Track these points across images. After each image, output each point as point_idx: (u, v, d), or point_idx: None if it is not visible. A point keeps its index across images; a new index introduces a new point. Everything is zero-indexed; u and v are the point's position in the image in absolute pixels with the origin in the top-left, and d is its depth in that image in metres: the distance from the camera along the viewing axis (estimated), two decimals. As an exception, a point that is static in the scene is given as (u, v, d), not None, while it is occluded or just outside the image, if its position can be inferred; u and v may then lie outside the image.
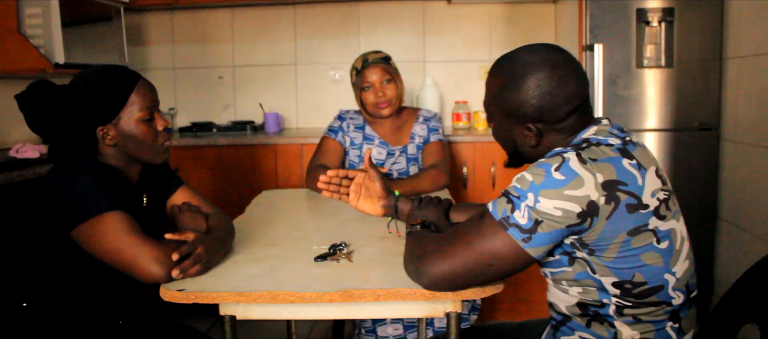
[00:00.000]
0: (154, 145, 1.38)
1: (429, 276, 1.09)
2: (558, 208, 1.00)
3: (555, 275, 1.13)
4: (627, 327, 1.08)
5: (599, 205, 1.00)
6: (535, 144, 1.14)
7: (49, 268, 1.32)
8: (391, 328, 2.18)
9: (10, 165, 2.22)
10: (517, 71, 1.12)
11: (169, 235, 1.26)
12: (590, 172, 1.00)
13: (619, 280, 1.05)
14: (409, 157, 2.26)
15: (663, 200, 1.05)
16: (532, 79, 1.10)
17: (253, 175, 2.96)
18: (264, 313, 1.17)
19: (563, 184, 0.99)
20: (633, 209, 1.01)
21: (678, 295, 1.08)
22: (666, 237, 1.05)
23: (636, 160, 1.05)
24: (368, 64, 2.18)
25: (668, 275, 1.06)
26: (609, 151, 1.04)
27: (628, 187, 1.01)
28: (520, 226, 1.02)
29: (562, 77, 1.09)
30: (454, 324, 1.17)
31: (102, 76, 1.33)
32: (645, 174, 1.04)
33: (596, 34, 2.60)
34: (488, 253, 1.04)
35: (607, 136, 1.08)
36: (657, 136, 2.64)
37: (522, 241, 1.02)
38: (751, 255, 2.26)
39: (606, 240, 1.02)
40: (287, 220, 1.71)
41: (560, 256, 1.09)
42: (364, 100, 2.21)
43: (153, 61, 3.55)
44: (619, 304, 1.07)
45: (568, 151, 1.03)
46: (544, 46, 1.14)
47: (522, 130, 1.15)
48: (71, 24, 2.61)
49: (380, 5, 3.41)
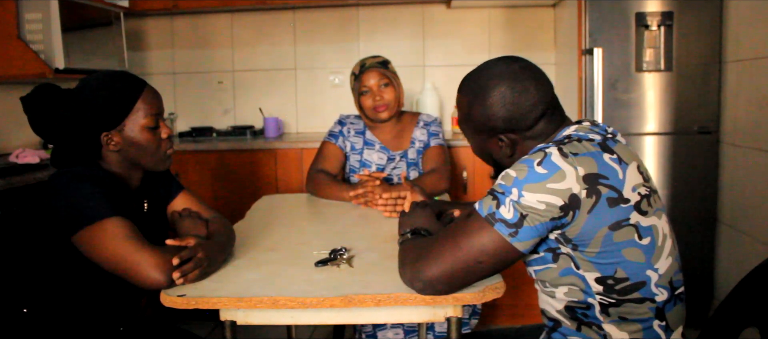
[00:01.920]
0: (158, 153, 1.38)
1: (422, 280, 1.10)
2: (541, 201, 1.02)
3: (539, 273, 1.15)
4: (615, 328, 1.10)
5: (581, 198, 1.02)
6: (510, 154, 1.19)
7: (49, 273, 1.32)
8: (392, 333, 2.17)
9: (10, 170, 2.22)
10: (480, 87, 1.17)
11: (170, 241, 1.26)
12: (572, 165, 1.02)
13: (601, 276, 1.07)
14: (409, 162, 2.26)
15: (644, 195, 1.07)
16: (495, 93, 1.14)
17: (253, 179, 2.96)
18: (264, 318, 1.17)
19: (545, 178, 1.02)
20: (614, 203, 1.03)
21: (661, 291, 1.09)
22: (648, 233, 1.06)
23: (617, 155, 1.07)
24: (366, 69, 2.19)
25: (650, 271, 1.08)
26: (589, 146, 1.06)
27: (609, 180, 1.03)
28: (506, 221, 1.04)
29: (523, 86, 1.13)
30: (455, 329, 1.17)
31: (109, 82, 1.33)
32: (626, 169, 1.06)
33: (595, 37, 2.60)
34: (476, 250, 1.07)
35: (588, 132, 1.11)
36: (656, 139, 2.64)
37: (508, 235, 1.05)
38: (751, 258, 2.26)
39: (588, 234, 1.04)
40: (287, 225, 1.71)
41: (545, 253, 1.12)
42: (363, 104, 2.21)
43: (153, 66, 3.55)
44: (603, 302, 1.09)
45: (550, 146, 1.06)
46: (503, 59, 1.19)
47: (495, 142, 1.19)
48: (71, 29, 2.62)
49: (380, 9, 3.41)
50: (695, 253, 2.63)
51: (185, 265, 1.18)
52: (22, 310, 1.34)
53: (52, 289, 1.33)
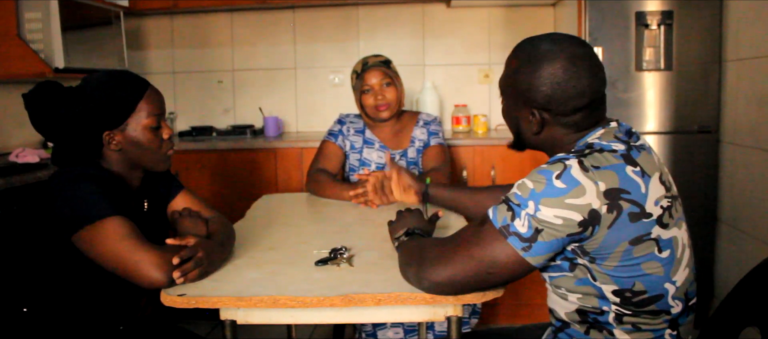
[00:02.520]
0: (159, 153, 1.39)
1: (430, 281, 1.09)
2: (559, 216, 0.99)
3: (554, 280, 1.13)
4: (625, 335, 1.08)
5: (601, 213, 0.99)
6: (536, 131, 1.14)
7: (49, 273, 1.32)
8: (392, 332, 2.17)
9: (10, 169, 2.22)
10: (535, 55, 1.11)
11: (170, 240, 1.26)
12: (592, 180, 0.99)
13: (619, 289, 1.05)
14: (409, 161, 2.26)
15: (666, 208, 1.04)
16: (547, 67, 1.08)
17: (253, 179, 2.96)
18: (264, 317, 1.17)
19: (564, 193, 0.98)
20: (636, 218, 1.00)
21: (677, 303, 1.08)
22: (668, 246, 1.04)
23: (640, 167, 1.03)
24: (368, 68, 2.19)
25: (668, 284, 1.06)
26: (612, 158, 1.02)
27: (631, 195, 1.00)
28: (520, 234, 1.01)
29: (577, 73, 1.07)
30: (455, 328, 1.17)
31: (112, 81, 1.34)
32: (649, 182, 1.03)
33: (595, 36, 2.60)
34: (488, 261, 1.04)
35: (611, 140, 1.07)
36: (656, 139, 2.64)
37: (522, 250, 1.02)
38: (751, 257, 2.26)
39: (607, 249, 1.01)
40: (287, 225, 1.71)
41: (561, 261, 1.09)
42: (364, 102, 2.21)
43: (153, 65, 3.55)
44: (618, 312, 1.07)
45: (570, 158, 1.02)
46: (568, 38, 1.13)
47: (527, 114, 1.14)
48: (71, 28, 2.61)
49: (379, 9, 3.41)
50: (695, 252, 2.59)
51: (185, 264, 1.18)
52: (22, 309, 1.34)
53: (52, 289, 1.33)
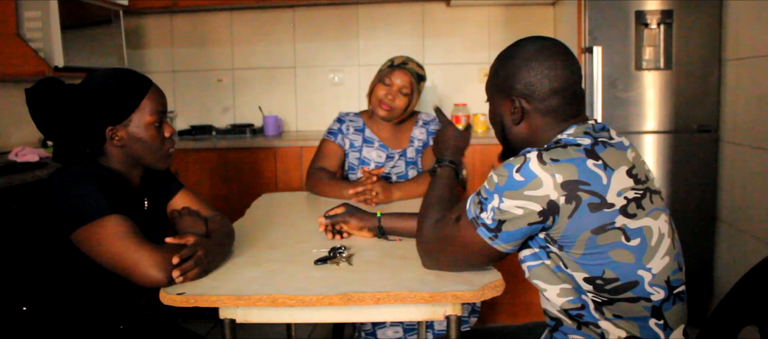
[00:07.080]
0: (160, 151, 1.40)
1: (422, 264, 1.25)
2: (520, 207, 1.06)
3: (533, 270, 1.16)
4: (612, 326, 1.11)
5: (559, 204, 1.04)
6: (518, 122, 1.20)
7: (49, 271, 1.32)
8: (391, 331, 2.18)
9: (9, 168, 2.22)
10: (512, 51, 1.22)
11: (170, 238, 1.26)
12: (549, 172, 1.04)
13: (589, 276, 1.09)
14: (408, 161, 2.26)
15: (633, 199, 1.07)
16: (523, 54, 1.18)
17: (252, 178, 2.96)
18: (264, 316, 1.17)
19: (523, 185, 1.05)
20: (596, 208, 1.04)
21: (657, 290, 1.09)
22: (637, 234, 1.07)
23: (602, 160, 1.07)
24: (401, 67, 2.18)
25: (642, 271, 1.08)
26: (573, 152, 1.07)
27: (590, 186, 1.05)
28: (487, 225, 1.11)
29: (552, 61, 1.16)
30: (454, 327, 1.17)
31: (117, 77, 1.35)
32: (612, 174, 1.07)
33: (595, 36, 2.60)
34: (465, 248, 1.16)
35: (580, 136, 1.12)
36: (656, 138, 2.64)
37: (489, 239, 1.11)
38: (751, 256, 2.26)
39: (571, 237, 1.06)
40: (287, 224, 1.71)
41: (539, 249, 1.14)
42: (375, 91, 2.20)
43: (152, 64, 3.55)
44: (595, 301, 1.10)
45: (531, 152, 1.07)
46: (545, 37, 1.23)
47: (509, 105, 1.20)
48: (70, 27, 2.61)
49: (379, 8, 3.41)
50: (695, 252, 2.63)
51: (185, 263, 1.18)
52: (21, 308, 1.34)
53: (51, 288, 1.33)
